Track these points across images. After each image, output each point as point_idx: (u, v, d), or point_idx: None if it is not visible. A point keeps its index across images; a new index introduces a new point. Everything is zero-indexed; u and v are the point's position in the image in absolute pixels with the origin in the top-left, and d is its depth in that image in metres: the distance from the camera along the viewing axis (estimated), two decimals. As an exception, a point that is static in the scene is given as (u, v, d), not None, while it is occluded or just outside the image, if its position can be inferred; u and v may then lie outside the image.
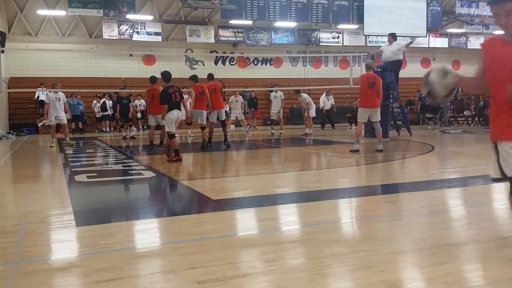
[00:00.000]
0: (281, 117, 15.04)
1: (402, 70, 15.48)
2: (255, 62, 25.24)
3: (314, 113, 14.98)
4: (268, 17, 22.88)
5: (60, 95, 12.69)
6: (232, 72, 24.41)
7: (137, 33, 21.88)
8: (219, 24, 23.09)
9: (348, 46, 24.76)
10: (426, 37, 25.78)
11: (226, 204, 5.02)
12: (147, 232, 3.92)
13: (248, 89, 21.65)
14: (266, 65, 25.33)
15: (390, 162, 8.66)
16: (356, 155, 9.24)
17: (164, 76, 9.07)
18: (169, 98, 8.74)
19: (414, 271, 2.92)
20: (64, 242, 3.67)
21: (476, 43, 27.48)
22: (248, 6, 22.13)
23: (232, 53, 24.18)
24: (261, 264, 3.02)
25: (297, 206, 4.93)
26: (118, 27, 21.48)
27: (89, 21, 21.81)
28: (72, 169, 7.96)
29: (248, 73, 24.73)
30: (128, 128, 16.08)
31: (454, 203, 5.12)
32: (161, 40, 22.66)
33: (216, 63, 24.37)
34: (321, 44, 24.93)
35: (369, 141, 11.21)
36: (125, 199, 5.71)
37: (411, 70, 25.86)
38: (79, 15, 20.98)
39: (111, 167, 8.72)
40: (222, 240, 3.56)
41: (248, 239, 3.71)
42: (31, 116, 20.21)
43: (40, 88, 18.35)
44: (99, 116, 20.13)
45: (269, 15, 22.78)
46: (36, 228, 4.06)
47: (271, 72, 24.87)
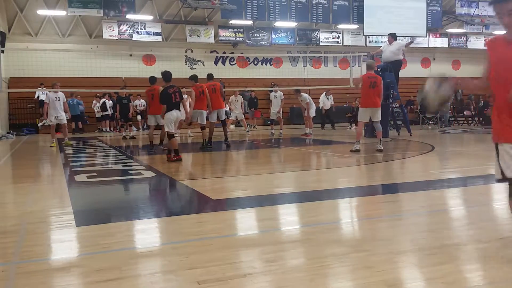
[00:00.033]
0: (281, 117, 15.03)
1: (402, 70, 15.50)
2: (255, 62, 25.23)
3: (314, 113, 14.98)
4: (268, 17, 22.87)
5: (60, 95, 12.69)
6: (232, 72, 24.41)
7: (137, 33, 21.89)
8: (219, 24, 23.09)
9: (348, 46, 24.76)
10: (426, 37, 25.78)
11: (226, 204, 5.02)
12: (147, 232, 3.92)
13: (248, 89, 21.64)
14: (266, 65, 25.32)
15: (390, 162, 8.66)
16: (356, 155, 9.23)
17: (164, 76, 9.07)
18: (169, 98, 8.75)
19: (414, 271, 2.91)
20: (64, 242, 3.67)
21: (476, 43, 27.53)
22: (248, 6, 22.13)
23: (232, 53, 24.17)
24: (261, 264, 3.02)
25: (297, 206, 4.92)
26: (118, 27, 21.48)
27: (89, 21, 21.82)
28: (72, 169, 7.96)
29: (248, 73, 24.72)
30: (128, 128, 16.09)
31: (454, 203, 5.12)
32: (161, 40, 22.66)
33: (216, 63, 24.37)
34: (321, 44, 24.93)
35: (369, 141, 11.21)
36: (125, 199, 5.71)
37: (411, 70, 25.92)
38: (79, 15, 20.99)
39: (111, 167, 8.72)
40: (222, 240, 3.56)
41: (248, 239, 3.71)
42: (31, 116, 20.20)
43: (40, 88, 18.35)
44: (99, 116, 20.13)
45: (269, 15, 22.77)
46: (36, 228, 4.06)
47: (271, 72, 24.87)
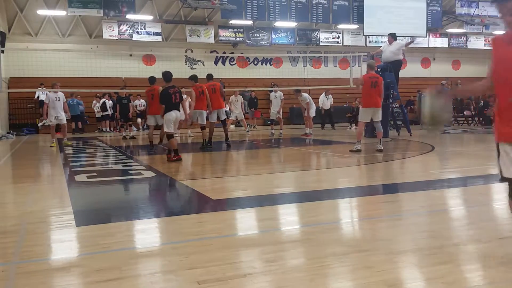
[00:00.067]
0: (281, 117, 15.02)
1: (402, 70, 15.48)
2: (255, 62, 25.22)
3: (314, 113, 14.97)
4: (268, 17, 22.86)
5: (60, 95, 12.68)
6: (232, 72, 24.39)
7: (137, 33, 21.87)
8: (219, 24, 23.08)
9: (348, 46, 24.74)
10: (426, 37, 25.76)
11: (226, 204, 5.02)
12: (147, 232, 3.92)
13: (248, 89, 21.63)
14: (266, 65, 25.31)
15: (390, 162, 8.66)
16: (356, 155, 9.23)
17: (165, 76, 9.07)
18: (169, 98, 8.75)
19: (414, 271, 2.91)
20: (64, 242, 3.67)
21: (476, 43, 27.54)
22: (248, 6, 22.12)
23: (232, 53, 24.16)
24: (261, 264, 3.02)
25: (297, 206, 4.92)
26: (118, 27, 21.47)
27: (89, 21, 21.81)
28: (72, 169, 7.96)
29: (248, 73, 24.71)
30: (128, 128, 16.09)
31: (454, 203, 5.12)
32: (161, 40, 22.65)
33: (216, 63, 24.36)
34: (321, 44, 24.91)
35: (369, 141, 11.20)
36: (125, 199, 5.71)
37: (411, 70, 25.94)
38: (79, 15, 20.98)
39: (111, 167, 8.72)
40: (222, 240, 3.56)
41: (248, 239, 3.71)
42: (31, 116, 20.19)
43: (40, 88, 18.35)
44: (99, 116, 20.13)
45: (269, 15, 22.76)
46: (36, 228, 4.06)
47: (271, 72, 24.85)
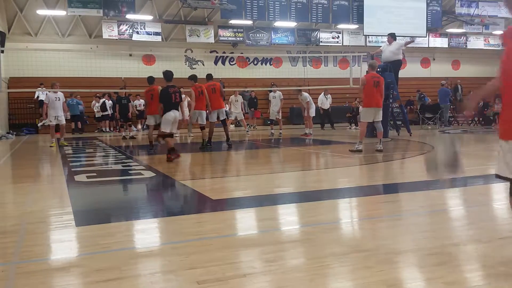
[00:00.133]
0: (280, 117, 15.01)
1: (402, 70, 15.49)
2: (255, 62, 25.22)
3: (314, 113, 14.97)
4: (268, 17, 22.86)
5: (60, 95, 12.69)
6: (232, 72, 24.39)
7: (137, 33, 21.87)
8: (219, 24, 23.07)
9: (348, 46, 24.73)
10: (426, 37, 25.77)
11: (226, 204, 5.02)
12: (147, 232, 3.91)
13: (248, 89, 21.63)
14: (266, 65, 25.31)
15: (390, 162, 8.66)
16: (356, 155, 9.23)
17: (166, 76, 9.07)
18: (169, 98, 8.74)
19: (414, 271, 2.91)
20: (64, 242, 3.67)
21: (476, 43, 27.55)
22: (248, 6, 22.12)
23: (232, 53, 24.16)
24: (261, 264, 3.02)
25: (297, 206, 4.92)
26: (118, 27, 21.47)
27: (89, 21, 21.80)
28: (72, 169, 7.95)
29: (248, 73, 24.70)
30: (127, 128, 16.09)
31: (454, 203, 5.12)
32: (161, 40, 22.65)
33: (216, 63, 24.35)
34: (321, 44, 24.91)
35: (369, 141, 11.20)
36: (125, 199, 5.71)
37: (411, 70, 25.95)
38: (79, 15, 20.98)
39: (110, 167, 8.71)
40: (222, 240, 3.56)
41: (248, 239, 3.70)
42: (30, 116, 20.20)
43: (40, 88, 18.35)
44: (98, 116, 20.13)
45: (269, 15, 22.76)
46: (36, 228, 4.05)
47: (271, 72, 24.84)
